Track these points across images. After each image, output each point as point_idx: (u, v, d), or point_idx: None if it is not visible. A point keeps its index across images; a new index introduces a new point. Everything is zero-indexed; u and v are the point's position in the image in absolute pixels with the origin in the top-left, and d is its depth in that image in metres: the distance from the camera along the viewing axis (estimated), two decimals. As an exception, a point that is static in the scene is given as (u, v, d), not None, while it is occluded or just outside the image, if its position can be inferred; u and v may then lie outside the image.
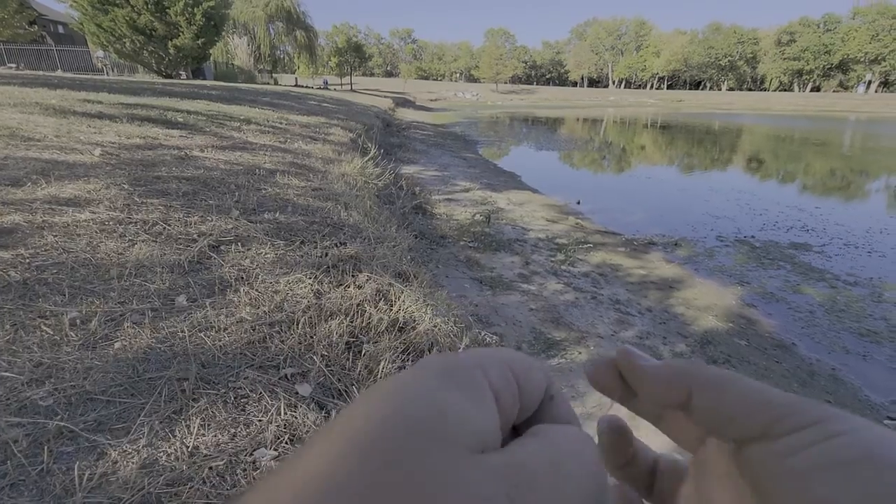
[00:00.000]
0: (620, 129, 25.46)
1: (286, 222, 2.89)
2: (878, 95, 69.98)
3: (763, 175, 12.13)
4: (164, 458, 1.20)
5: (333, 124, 9.33)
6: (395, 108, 25.05)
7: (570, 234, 5.71)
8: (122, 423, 1.29)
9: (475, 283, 3.93)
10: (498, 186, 8.23)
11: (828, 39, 79.07)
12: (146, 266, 2.07)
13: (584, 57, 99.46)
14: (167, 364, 1.53)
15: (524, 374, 0.20)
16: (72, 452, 1.18)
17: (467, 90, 64.15)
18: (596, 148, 16.18)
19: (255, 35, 38.35)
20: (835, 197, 9.42)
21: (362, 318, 2.00)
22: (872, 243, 5.95)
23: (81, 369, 1.44)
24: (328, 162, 5.27)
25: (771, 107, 53.83)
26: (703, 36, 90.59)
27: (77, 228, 2.30)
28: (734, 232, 6.28)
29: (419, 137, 14.63)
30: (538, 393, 0.20)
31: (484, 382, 0.18)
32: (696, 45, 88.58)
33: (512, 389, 0.19)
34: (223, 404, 1.41)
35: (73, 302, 1.74)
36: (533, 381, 0.20)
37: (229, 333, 1.72)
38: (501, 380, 0.18)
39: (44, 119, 4.88)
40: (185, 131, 5.50)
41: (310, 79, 48.43)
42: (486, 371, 0.18)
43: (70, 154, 3.60)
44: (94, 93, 7.90)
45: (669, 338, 3.36)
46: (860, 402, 2.89)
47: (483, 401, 0.17)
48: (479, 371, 0.18)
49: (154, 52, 22.79)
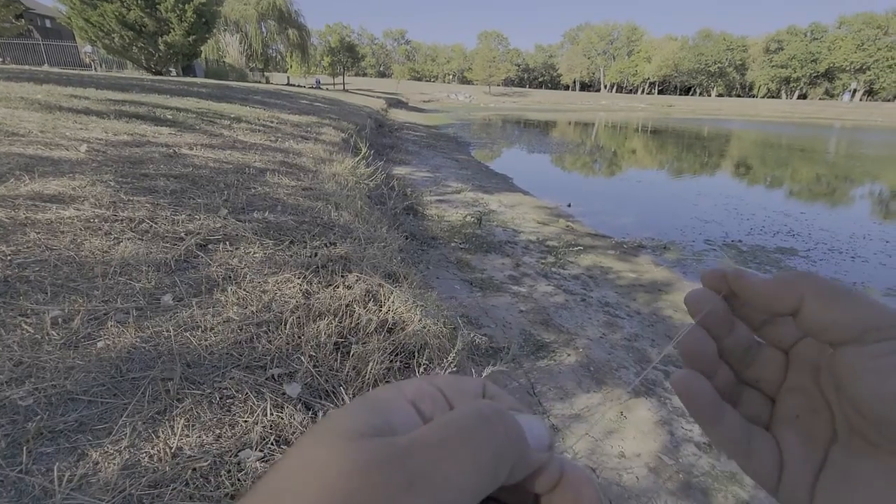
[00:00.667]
0: (611, 133, 25.67)
1: (275, 221, 2.87)
2: (862, 104, 71.32)
3: (751, 180, 12.30)
4: (146, 460, 1.18)
5: (325, 124, 9.28)
6: (388, 109, 25.01)
7: (561, 236, 5.74)
8: (104, 423, 1.27)
9: (465, 285, 3.93)
10: (490, 188, 8.25)
11: (814, 48, 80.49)
12: (131, 264, 2.04)
13: (577, 61, 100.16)
14: (151, 364, 1.50)
15: (449, 383, 0.23)
16: (52, 453, 1.16)
17: (460, 92, 64.27)
18: (587, 151, 16.29)
19: (247, 33, 38.08)
20: (820, 202, 9.58)
21: (351, 318, 1.99)
22: (856, 248, 6.06)
23: (63, 369, 1.41)
24: (319, 161, 5.24)
25: (759, 113, 54.65)
26: (694, 42, 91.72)
27: (61, 226, 2.26)
28: (722, 236, 6.36)
29: (411, 138, 14.62)
30: (471, 396, 0.23)
31: (393, 396, 0.21)
32: (686, 51, 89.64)
33: (430, 394, 0.21)
34: (208, 405, 1.39)
35: (55, 300, 1.71)
36: (462, 387, 0.23)
37: (216, 333, 1.70)
38: (416, 391, 0.21)
39: (29, 114, 4.80)
40: (174, 129, 5.44)
41: (302, 78, 48.19)
42: (401, 389, 0.21)
43: (55, 150, 3.54)
44: (81, 88, 7.78)
45: (658, 340, 3.39)
46: (843, 404, 2.94)
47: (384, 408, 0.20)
48: (395, 390, 0.21)
49: (144, 49, 22.51)
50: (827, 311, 0.23)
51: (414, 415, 0.20)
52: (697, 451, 2.30)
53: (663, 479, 2.10)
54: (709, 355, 0.27)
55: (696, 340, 0.27)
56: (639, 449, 2.27)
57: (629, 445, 2.29)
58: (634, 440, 2.32)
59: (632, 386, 2.77)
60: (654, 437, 2.36)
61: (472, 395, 0.23)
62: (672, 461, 2.21)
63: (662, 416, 2.53)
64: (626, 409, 2.55)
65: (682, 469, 2.17)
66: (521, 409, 0.22)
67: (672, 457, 2.24)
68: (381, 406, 0.20)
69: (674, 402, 2.66)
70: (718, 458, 2.26)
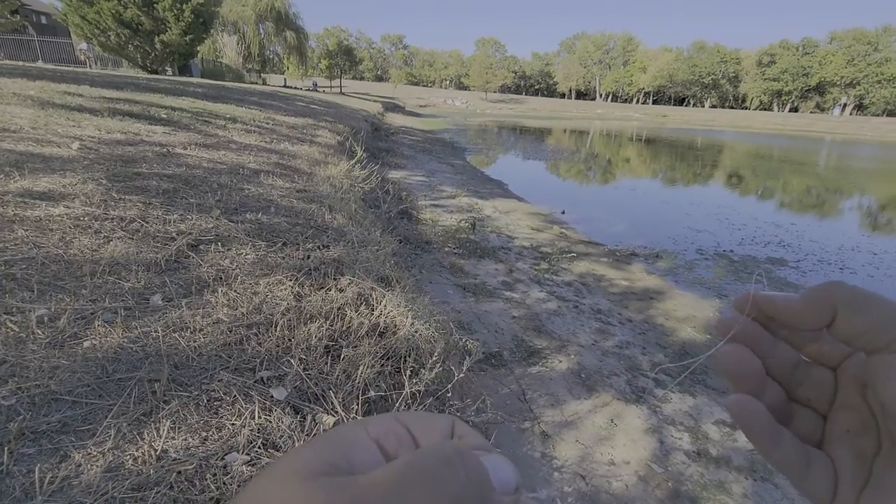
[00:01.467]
0: (606, 141, 25.87)
1: (268, 223, 2.86)
2: (852, 118, 72.42)
3: (742, 191, 12.43)
4: (130, 462, 1.17)
5: (321, 126, 9.28)
6: (385, 113, 25.04)
7: (555, 243, 5.76)
8: (88, 424, 1.25)
9: (458, 290, 3.93)
10: (484, 194, 8.27)
11: (806, 62, 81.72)
12: (121, 264, 2.02)
13: (573, 69, 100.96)
14: (138, 364, 1.48)
15: (417, 420, 0.23)
16: (33, 454, 1.14)
17: (457, 97, 64.50)
18: (582, 159, 16.39)
19: (245, 34, 38.02)
20: (810, 214, 9.69)
21: (342, 321, 1.98)
22: (844, 260, 6.14)
23: (47, 368, 1.39)
24: (314, 164, 5.23)
25: (752, 125, 55.30)
26: (688, 54, 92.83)
27: (50, 223, 2.23)
28: (714, 245, 6.42)
29: (407, 143, 14.64)
30: (438, 434, 0.22)
31: (356, 434, 0.21)
32: (681, 63, 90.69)
33: (396, 432, 0.21)
34: (195, 407, 1.38)
35: (41, 298, 1.69)
36: (429, 425, 0.23)
37: (205, 334, 1.69)
38: (381, 429, 0.21)
39: (21, 110, 4.75)
40: (169, 128, 5.41)
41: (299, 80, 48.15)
42: (366, 426, 0.21)
43: (46, 147, 3.51)
44: (75, 85, 7.72)
45: (648, 348, 3.40)
46: (830, 414, 2.96)
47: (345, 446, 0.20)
48: (359, 427, 0.21)
49: (140, 47, 22.39)
50: (859, 319, 0.23)
51: (376, 453, 0.20)
52: (686, 460, 2.30)
53: (652, 487, 2.10)
54: (754, 374, 0.27)
55: (739, 360, 0.27)
56: (629, 456, 2.27)
57: (619, 453, 2.29)
58: (624, 447, 2.33)
59: (663, 392, 2.78)
60: (643, 444, 2.37)
61: (440, 434, 0.22)
62: (661, 469, 2.21)
63: (653, 423, 2.54)
64: (616, 417, 2.55)
65: (671, 477, 2.17)
66: (489, 450, 0.21)
67: (661, 465, 2.24)
68: (342, 443, 0.20)
69: (664, 411, 2.67)
70: (706, 467, 2.27)
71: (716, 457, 2.35)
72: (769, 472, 2.27)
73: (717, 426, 2.59)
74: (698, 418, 2.65)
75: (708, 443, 2.45)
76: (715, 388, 2.98)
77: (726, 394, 2.35)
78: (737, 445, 2.45)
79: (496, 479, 0.20)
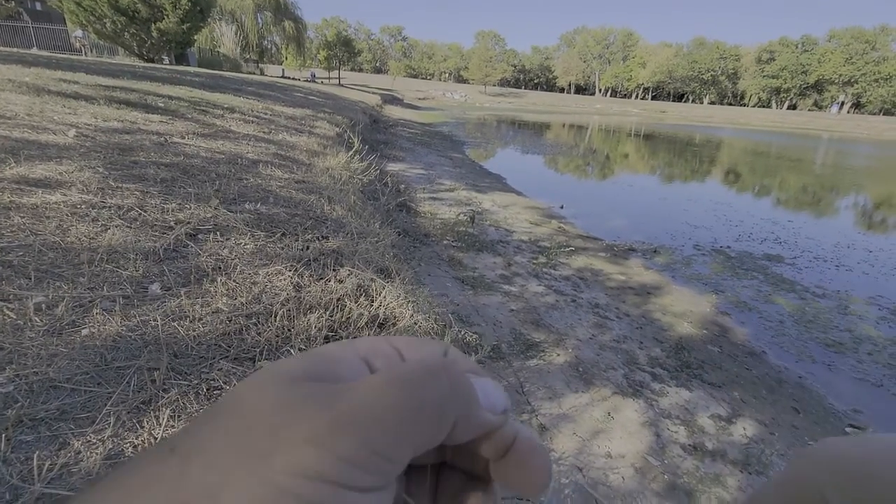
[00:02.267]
0: (605, 136, 25.83)
1: (267, 213, 2.84)
2: (850, 116, 72.59)
3: (740, 188, 12.45)
4: (130, 450, 1.16)
5: (320, 117, 9.21)
6: (383, 105, 24.90)
7: (553, 237, 5.76)
8: (87, 412, 1.24)
9: (457, 283, 3.93)
10: (483, 187, 8.25)
11: (805, 60, 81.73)
12: (119, 252, 2.00)
13: (573, 64, 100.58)
14: (137, 353, 1.48)
15: (408, 344, 0.22)
16: (32, 441, 1.13)
17: (456, 90, 64.19)
18: (580, 154, 16.37)
19: (243, 23, 37.61)
20: (807, 211, 9.73)
21: (342, 312, 1.98)
22: (840, 257, 6.17)
23: (45, 356, 1.38)
24: (313, 155, 5.20)
25: (750, 122, 55.35)
26: (688, 49, 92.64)
27: (47, 210, 2.21)
28: (711, 241, 6.43)
29: (406, 135, 14.57)
30: (430, 355, 0.22)
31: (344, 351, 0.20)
32: (680, 59, 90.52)
33: (385, 352, 0.21)
34: (195, 396, 1.37)
35: (38, 286, 1.67)
36: (420, 348, 0.22)
37: (204, 324, 1.68)
38: (370, 348, 0.21)
39: (16, 97, 4.69)
40: (166, 117, 5.36)
41: (297, 71, 47.76)
42: (355, 344, 0.21)
43: (42, 134, 3.47)
44: (70, 72, 7.63)
45: (645, 343, 3.41)
46: (825, 409, 2.99)
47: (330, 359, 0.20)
48: (347, 345, 0.21)
49: (136, 35, 22.13)
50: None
51: (364, 369, 0.20)
52: (683, 453, 2.32)
53: (649, 480, 2.11)
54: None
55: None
56: (625, 449, 2.28)
57: (616, 445, 2.30)
58: (621, 440, 2.34)
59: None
60: (640, 437, 2.38)
61: (430, 355, 0.22)
62: (658, 462, 2.23)
63: (649, 417, 2.55)
64: (613, 410, 2.57)
65: (667, 470, 2.19)
66: (479, 374, 0.21)
67: (658, 458, 2.26)
68: (328, 357, 0.20)
69: (660, 404, 2.69)
70: (702, 461, 2.29)
71: (711, 450, 2.36)
72: (763, 466, 2.30)
73: (713, 420, 2.61)
74: (694, 412, 2.67)
75: (704, 436, 2.47)
76: (711, 382, 3.00)
77: (722, 388, 2.37)
78: (732, 439, 2.47)
79: (484, 398, 0.20)
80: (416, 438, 0.17)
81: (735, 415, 2.70)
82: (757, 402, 2.90)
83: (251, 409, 0.16)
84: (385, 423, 0.16)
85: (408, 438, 0.16)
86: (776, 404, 2.92)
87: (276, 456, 0.15)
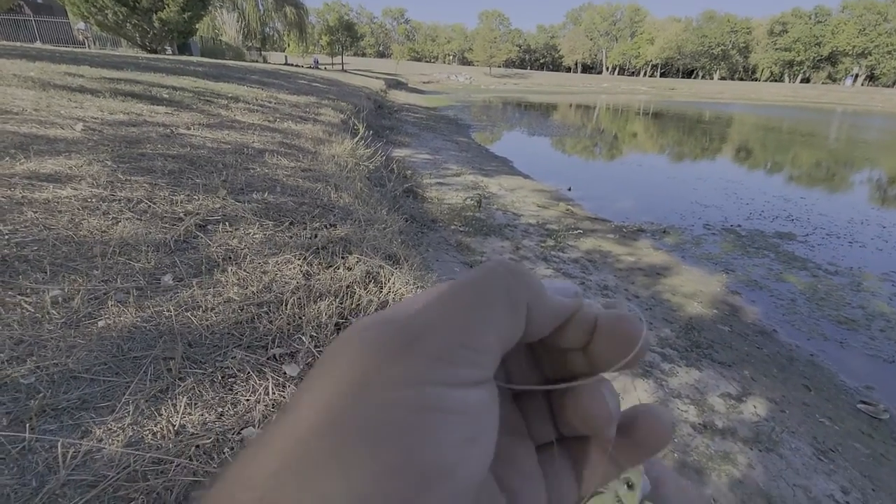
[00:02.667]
0: (613, 116, 25.44)
1: (275, 202, 2.85)
2: (864, 89, 70.69)
3: (751, 165, 12.24)
4: (149, 437, 1.19)
5: (324, 104, 9.17)
6: (387, 90, 24.68)
7: (561, 220, 5.73)
8: (107, 401, 1.28)
9: (465, 268, 3.94)
10: (490, 171, 8.20)
11: (818, 31, 79.38)
12: (130, 244, 2.03)
13: (579, 42, 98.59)
14: (153, 343, 1.51)
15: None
16: (55, 430, 1.17)
17: (460, 73, 63.36)
18: (588, 135, 16.16)
19: (244, 11, 37.23)
20: (819, 187, 9.56)
21: (352, 299, 2.00)
22: (854, 233, 6.07)
23: (64, 347, 1.42)
24: (318, 142, 5.19)
25: (761, 97, 54.11)
26: (697, 24, 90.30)
27: (58, 205, 2.24)
28: (721, 220, 6.36)
29: (411, 120, 14.46)
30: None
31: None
32: (689, 33, 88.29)
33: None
34: (210, 384, 1.40)
35: (54, 279, 1.70)
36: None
37: (216, 313, 1.70)
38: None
39: (22, 92, 4.71)
40: (171, 108, 5.36)
41: (300, 57, 47.35)
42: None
43: (50, 128, 3.49)
44: (74, 66, 7.63)
45: (655, 323, 3.41)
46: (835, 386, 2.98)
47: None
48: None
49: (138, 26, 22.00)
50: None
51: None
52: (692, 432, 2.33)
53: (658, 458, 2.13)
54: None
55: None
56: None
57: (626, 426, 2.32)
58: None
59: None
60: (650, 418, 2.39)
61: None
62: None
63: (659, 397, 2.56)
64: (623, 391, 2.58)
65: (676, 448, 2.21)
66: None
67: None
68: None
69: (670, 384, 2.70)
70: (712, 439, 2.30)
71: (721, 428, 2.38)
72: (773, 443, 2.30)
73: (723, 399, 2.62)
74: (704, 391, 2.68)
75: (713, 415, 2.48)
76: (721, 361, 3.00)
77: (732, 367, 2.36)
78: (742, 417, 2.48)
79: (552, 287, 0.20)
80: (496, 325, 0.17)
81: (745, 393, 2.71)
82: (768, 380, 2.89)
83: (341, 357, 0.17)
84: (456, 317, 0.17)
85: (486, 326, 0.17)
86: (787, 382, 2.92)
87: (373, 377, 0.16)
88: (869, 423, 2.65)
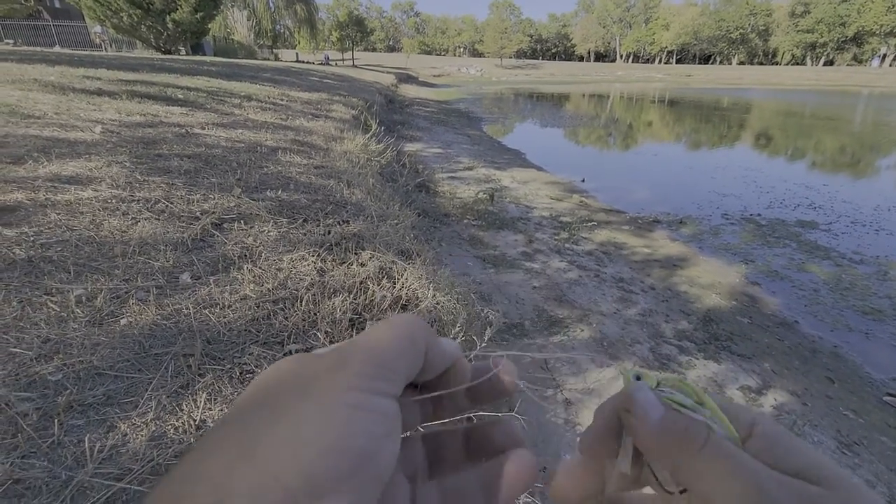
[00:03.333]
0: (627, 105, 25.01)
1: (289, 200, 2.88)
2: (892, 69, 68.14)
3: (771, 152, 11.94)
4: (171, 431, 1.23)
5: (335, 101, 9.20)
6: (398, 85, 24.65)
7: (575, 212, 5.68)
8: (131, 397, 1.31)
9: (478, 262, 3.93)
10: (502, 164, 8.15)
11: (843, 10, 76.54)
12: (150, 244, 2.08)
13: (591, 30, 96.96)
14: (173, 340, 1.54)
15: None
16: (82, 425, 1.21)
17: (471, 65, 62.91)
18: (602, 125, 15.93)
19: (255, 9, 37.51)
20: (843, 174, 9.28)
21: (365, 295, 2.01)
22: (880, 221, 5.89)
23: (89, 345, 1.46)
24: (330, 139, 5.22)
25: (782, 81, 52.63)
26: (715, 7, 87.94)
27: (80, 206, 2.30)
28: (740, 210, 6.23)
29: (422, 114, 14.43)
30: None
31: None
32: (706, 17, 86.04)
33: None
34: (229, 379, 1.43)
35: (78, 279, 1.75)
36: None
37: (234, 310, 1.74)
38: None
39: (43, 96, 4.83)
40: (186, 108, 5.44)
41: (311, 54, 47.58)
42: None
43: (70, 131, 3.58)
44: (92, 69, 7.79)
45: (672, 315, 3.37)
46: (860, 378, 2.91)
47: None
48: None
49: (152, 27, 22.34)
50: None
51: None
52: (711, 425, 2.30)
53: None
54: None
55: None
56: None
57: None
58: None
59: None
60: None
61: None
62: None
63: (676, 390, 2.54)
64: (639, 384, 2.56)
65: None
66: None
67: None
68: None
69: (688, 377, 2.66)
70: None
71: (741, 422, 2.34)
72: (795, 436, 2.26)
73: (743, 391, 2.58)
74: (723, 384, 2.64)
75: (733, 408, 2.44)
76: (741, 354, 2.95)
77: (752, 359, 2.33)
78: (762, 410, 2.44)
79: (443, 341, 0.26)
80: (404, 356, 0.23)
81: (766, 386, 2.66)
82: (789, 372, 2.84)
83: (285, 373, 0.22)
84: (378, 347, 0.22)
85: (397, 355, 0.23)
86: (809, 374, 2.86)
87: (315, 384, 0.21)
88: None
